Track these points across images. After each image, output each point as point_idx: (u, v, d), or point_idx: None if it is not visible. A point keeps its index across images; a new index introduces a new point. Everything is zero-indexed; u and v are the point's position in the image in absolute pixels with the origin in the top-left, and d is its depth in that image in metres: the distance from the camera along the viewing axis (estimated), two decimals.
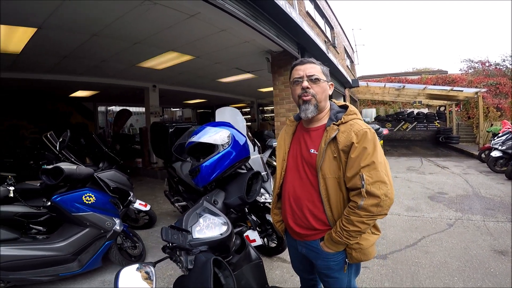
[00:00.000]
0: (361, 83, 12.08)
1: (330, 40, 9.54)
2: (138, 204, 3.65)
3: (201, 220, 1.37)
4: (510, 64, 19.20)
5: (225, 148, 2.29)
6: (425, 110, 16.98)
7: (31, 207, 2.65)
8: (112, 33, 4.17)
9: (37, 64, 5.61)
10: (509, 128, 8.27)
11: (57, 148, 2.88)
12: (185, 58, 5.72)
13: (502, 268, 2.82)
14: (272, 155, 6.08)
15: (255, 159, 3.17)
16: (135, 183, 7.04)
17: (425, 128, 16.77)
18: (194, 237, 1.28)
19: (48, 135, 2.95)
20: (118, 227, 2.76)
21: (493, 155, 7.41)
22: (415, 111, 17.21)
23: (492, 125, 11.77)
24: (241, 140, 2.44)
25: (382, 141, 8.75)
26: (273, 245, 3.12)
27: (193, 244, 1.24)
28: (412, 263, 2.97)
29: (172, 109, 18.72)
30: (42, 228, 2.74)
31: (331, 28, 10.87)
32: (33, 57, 5.09)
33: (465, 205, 4.79)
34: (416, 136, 16.95)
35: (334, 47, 10.24)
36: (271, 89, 5.62)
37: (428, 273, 2.78)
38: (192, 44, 4.84)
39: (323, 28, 9.36)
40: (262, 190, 2.96)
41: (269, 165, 5.63)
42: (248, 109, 15.92)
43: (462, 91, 11.58)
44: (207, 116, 16.66)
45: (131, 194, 3.19)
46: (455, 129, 14.41)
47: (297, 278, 1.93)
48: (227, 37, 4.51)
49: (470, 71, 20.39)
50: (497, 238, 3.48)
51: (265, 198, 2.97)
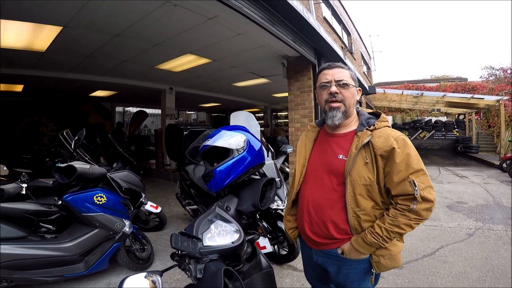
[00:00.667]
0: (378, 90, 11.87)
1: (347, 46, 9.48)
2: (149, 206, 3.62)
3: (213, 227, 1.34)
4: None
5: (240, 153, 2.22)
6: (444, 119, 16.55)
7: (42, 205, 2.63)
8: (134, 34, 4.27)
9: (60, 63, 5.77)
10: None
11: (72, 147, 2.89)
12: (202, 61, 5.80)
13: None
14: (285, 161, 6.05)
15: (269, 165, 3.15)
16: (148, 184, 7.06)
17: (443, 137, 16.32)
18: (205, 245, 1.25)
19: (64, 133, 2.96)
20: (128, 229, 2.72)
21: None
22: (433, 119, 16.80)
23: None
24: (256, 145, 2.38)
25: None
26: (284, 253, 3.07)
27: (204, 252, 1.20)
28: (430, 273, 2.87)
29: (187, 112, 18.94)
30: (52, 227, 2.71)
31: (348, 34, 10.81)
32: (57, 56, 5.24)
33: (486, 215, 4.65)
34: (434, 145, 16.51)
35: (351, 53, 10.16)
36: (285, 95, 5.62)
37: (447, 283, 2.68)
38: (209, 47, 4.90)
39: (340, 34, 9.32)
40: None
41: (282, 171, 5.59)
42: (262, 114, 15.89)
43: (483, 99, 11.21)
44: (221, 120, 16.78)
45: (143, 196, 3.19)
46: (475, 138, 13.95)
47: (308, 287, 1.89)
48: (244, 41, 4.55)
49: (491, 79, 19.75)
50: None
51: (277, 205, 2.93)
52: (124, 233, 2.71)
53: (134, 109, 13.51)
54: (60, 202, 2.50)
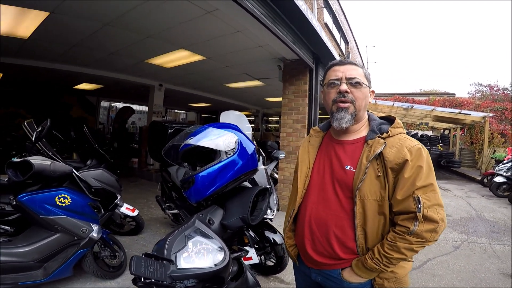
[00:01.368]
0: (370, 101, 11.95)
1: (344, 55, 9.51)
2: (125, 209, 3.37)
3: (190, 245, 1.13)
4: None
5: (230, 156, 1.83)
6: (429, 133, 16.87)
7: None
8: (126, 24, 4.06)
9: (44, 52, 5.48)
10: None
11: (33, 139, 2.54)
12: (196, 58, 5.61)
13: None
14: (275, 168, 5.91)
15: (259, 171, 2.94)
16: (128, 185, 6.91)
17: (428, 151, 16.60)
18: (179, 267, 1.03)
19: (26, 123, 2.62)
20: (95, 235, 2.46)
21: (497, 180, 7.71)
22: (419, 133, 17.13)
23: (495, 152, 11.83)
24: (249, 148, 1.99)
25: None
26: (271, 264, 2.91)
27: (177, 277, 0.99)
28: (420, 286, 2.85)
29: (176, 111, 18.64)
30: (10, 228, 2.44)
31: (346, 43, 10.88)
32: (41, 44, 4.96)
33: (470, 228, 4.83)
34: None
35: None
36: (278, 99, 5.52)
37: None
38: (205, 44, 4.73)
39: (339, 42, 9.36)
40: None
41: (271, 178, 5.45)
42: (253, 118, 15.77)
43: (470, 115, 11.50)
44: (211, 121, 16.57)
45: (118, 197, 2.93)
46: (458, 154, 14.30)
47: None
48: (242, 39, 4.40)
49: (478, 95, 20.35)
50: (505, 262, 3.46)
51: (266, 214, 2.72)
52: (91, 239, 2.45)
53: (121, 105, 13.14)
54: (15, 203, 2.20)
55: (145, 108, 13.55)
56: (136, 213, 3.56)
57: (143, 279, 0.95)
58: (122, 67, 6.69)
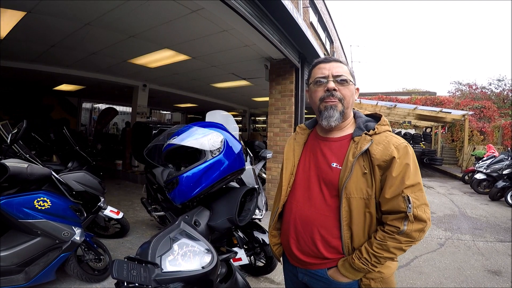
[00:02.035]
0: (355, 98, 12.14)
1: (329, 54, 9.61)
2: (109, 211, 3.29)
3: (176, 247, 1.09)
4: (496, 88, 19.99)
5: (215, 156, 1.76)
6: (412, 131, 17.28)
7: None
8: (108, 23, 3.94)
9: (21, 52, 5.27)
10: (494, 153, 8.60)
11: (8, 141, 2.43)
12: (181, 58, 5.51)
13: None
14: (263, 167, 5.90)
15: (247, 170, 2.88)
16: (113, 187, 6.75)
17: None
18: (165, 271, 1.00)
19: (0, 125, 2.52)
20: (78, 238, 2.39)
21: (477, 177, 7.82)
22: (403, 131, 17.52)
23: (475, 149, 12.16)
24: (236, 147, 1.91)
25: None
26: (261, 264, 2.89)
27: (162, 281, 0.96)
28: (408, 284, 2.88)
29: (161, 112, 18.36)
30: None
31: (331, 42, 10.99)
32: (18, 44, 4.76)
33: (454, 225, 4.90)
34: None
35: None
36: (265, 99, 5.50)
37: None
38: (190, 43, 4.65)
39: (324, 41, 9.43)
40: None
41: (259, 177, 5.44)
42: (240, 118, 15.73)
43: (451, 113, 11.83)
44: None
45: (102, 200, 2.87)
46: (439, 151, 14.69)
47: None
48: (228, 39, 4.35)
49: (458, 94, 21.03)
50: (489, 258, 3.52)
51: (255, 214, 2.69)
52: (74, 242, 2.38)
53: (103, 106, 12.83)
54: None
55: (129, 109, 13.30)
56: (121, 216, 3.48)
57: (126, 284, 0.91)
58: (104, 67, 6.51)
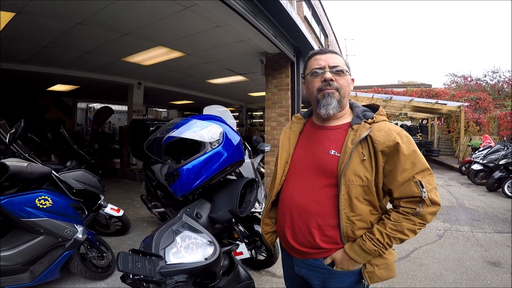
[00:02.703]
0: (350, 93, 12.14)
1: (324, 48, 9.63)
2: (110, 209, 3.30)
3: (179, 240, 1.10)
4: (491, 80, 20.10)
5: (215, 148, 1.79)
6: (408, 123, 17.32)
7: None
8: (100, 22, 3.89)
9: (12, 53, 5.19)
10: (490, 143, 8.60)
11: (7, 141, 2.42)
12: (175, 55, 5.47)
13: (499, 280, 2.81)
14: (261, 161, 5.92)
15: (246, 164, 2.89)
16: (111, 185, 6.76)
17: None
18: (168, 263, 1.00)
19: None
20: (81, 236, 2.42)
21: (474, 168, 7.77)
22: (399, 123, 17.58)
23: (471, 140, 12.20)
24: (235, 139, 1.95)
25: None
26: (262, 258, 2.91)
27: (167, 273, 0.96)
28: (408, 276, 2.88)
29: (157, 109, 18.26)
30: None
31: (326, 36, 10.98)
32: (9, 45, 4.69)
33: (452, 216, 4.92)
34: None
35: None
36: (262, 94, 5.49)
37: (425, 287, 2.70)
38: (184, 40, 4.61)
39: (318, 35, 9.42)
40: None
41: (257, 172, 5.45)
42: (237, 114, 15.68)
43: (446, 105, 11.87)
44: None
45: (102, 198, 2.89)
46: (436, 143, 14.76)
47: None
48: (222, 35, 4.32)
49: (453, 85, 21.12)
50: (488, 249, 3.53)
51: (255, 207, 2.72)
52: (76, 240, 2.39)
53: (99, 105, 12.73)
54: None
55: (125, 108, 13.21)
56: (121, 213, 3.49)
57: (132, 276, 0.91)
58: (98, 66, 6.45)
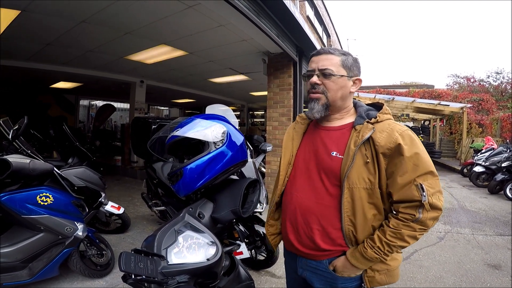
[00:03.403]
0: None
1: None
2: (110, 207, 3.31)
3: (181, 239, 1.10)
4: (494, 81, 19.99)
5: (218, 147, 1.77)
6: (410, 124, 17.26)
7: None
8: (103, 21, 3.90)
9: (17, 51, 5.22)
10: (492, 145, 8.56)
11: (10, 137, 2.43)
12: (178, 54, 5.47)
13: (499, 283, 2.80)
14: (262, 161, 5.91)
15: (247, 164, 2.91)
16: (112, 183, 6.78)
17: None
18: (170, 263, 1.00)
19: (1, 121, 2.52)
20: (81, 233, 2.41)
21: (476, 170, 7.71)
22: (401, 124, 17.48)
23: (473, 141, 12.14)
24: (238, 139, 1.95)
25: None
26: (262, 258, 2.90)
27: (168, 273, 0.96)
28: (408, 278, 2.88)
29: (159, 108, 18.29)
30: None
31: (328, 36, 10.94)
32: (13, 43, 4.71)
33: (453, 218, 4.90)
34: None
35: None
36: (263, 93, 5.48)
37: None
38: (186, 39, 4.62)
39: (321, 35, 9.39)
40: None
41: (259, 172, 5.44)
42: (238, 113, 15.68)
43: (449, 106, 11.81)
44: None
45: (103, 195, 2.89)
46: (438, 144, 14.70)
47: None
48: (225, 34, 4.32)
49: (455, 87, 21.01)
50: (488, 252, 3.51)
51: (256, 207, 2.75)
52: (76, 238, 2.39)
53: (101, 103, 12.77)
54: None
55: (127, 106, 13.24)
56: (122, 211, 3.49)
57: (134, 276, 0.92)
58: (101, 64, 6.46)
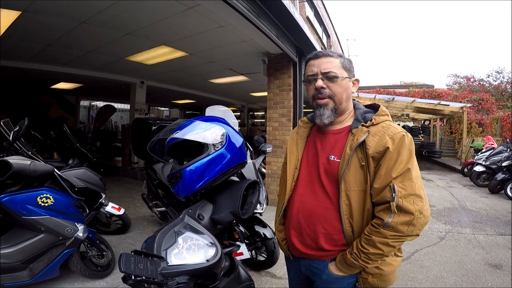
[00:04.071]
0: (352, 94, 12.05)
1: (326, 48, 9.60)
2: (111, 208, 3.32)
3: (180, 241, 1.11)
4: (494, 80, 20.00)
5: (218, 149, 1.78)
6: (411, 124, 17.25)
7: None
8: (103, 22, 3.91)
9: (17, 52, 5.24)
10: (492, 144, 8.55)
11: (10, 138, 2.44)
12: (178, 54, 5.48)
13: (499, 283, 2.80)
14: (262, 162, 5.91)
15: (247, 165, 2.90)
16: (112, 183, 6.76)
17: None
18: (170, 264, 1.01)
19: (2, 123, 2.53)
20: (81, 234, 2.42)
21: (477, 170, 7.71)
22: (401, 124, 17.51)
23: (474, 141, 12.13)
24: (238, 141, 1.95)
25: None
26: (262, 259, 2.90)
27: (168, 274, 0.97)
28: (408, 278, 2.87)
29: (159, 108, 18.31)
30: None
31: (328, 36, 10.97)
32: (14, 43, 4.72)
33: (454, 218, 4.88)
34: None
35: None
36: (263, 94, 5.48)
37: None
38: (187, 40, 4.63)
39: (321, 35, 9.41)
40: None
41: (259, 172, 5.44)
42: (238, 113, 15.69)
43: (449, 106, 11.80)
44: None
45: (103, 196, 2.90)
46: (438, 144, 14.68)
47: None
48: (225, 35, 4.32)
49: (455, 86, 21.01)
50: (489, 252, 3.51)
51: (256, 208, 2.67)
52: (77, 239, 2.40)
53: (101, 104, 12.79)
54: None
55: (127, 106, 13.26)
56: (122, 212, 3.50)
57: (134, 277, 0.93)
58: (101, 65, 6.47)
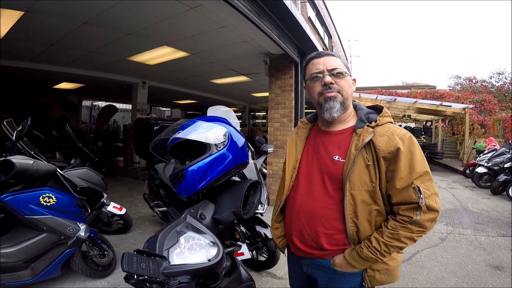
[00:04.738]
0: (354, 94, 12.01)
1: (328, 49, 9.60)
2: (112, 207, 3.34)
3: (182, 240, 1.11)
4: (496, 81, 19.93)
5: (220, 149, 1.78)
6: (412, 125, 17.20)
7: None
8: (105, 22, 3.93)
9: (20, 52, 5.27)
10: (495, 145, 8.51)
11: (14, 138, 2.46)
12: (180, 55, 5.50)
13: (500, 284, 2.79)
14: (263, 162, 5.91)
15: (249, 165, 2.91)
16: (114, 183, 6.79)
17: None
18: (172, 264, 1.02)
19: (5, 122, 2.50)
20: (83, 234, 2.43)
21: (479, 171, 7.65)
22: (403, 125, 17.46)
23: (476, 142, 12.06)
24: (240, 141, 1.95)
25: None
26: (263, 259, 2.91)
27: (170, 274, 0.98)
28: (409, 279, 2.87)
29: (161, 108, 18.36)
30: None
31: (330, 37, 10.97)
32: (17, 44, 4.75)
33: (455, 219, 4.87)
34: None
35: None
36: (265, 95, 5.48)
37: None
38: (188, 40, 4.64)
39: (322, 36, 9.42)
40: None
41: (260, 172, 5.45)
42: (240, 114, 15.70)
43: (451, 106, 11.76)
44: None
45: (105, 196, 2.91)
46: (440, 145, 14.63)
47: None
48: (226, 35, 4.33)
49: (457, 87, 20.96)
50: (491, 253, 3.50)
51: (257, 209, 2.75)
52: (79, 238, 2.41)
53: (103, 104, 12.84)
54: None
55: (129, 106, 13.30)
56: (124, 212, 3.52)
57: (136, 276, 0.93)
58: (103, 65, 6.50)
